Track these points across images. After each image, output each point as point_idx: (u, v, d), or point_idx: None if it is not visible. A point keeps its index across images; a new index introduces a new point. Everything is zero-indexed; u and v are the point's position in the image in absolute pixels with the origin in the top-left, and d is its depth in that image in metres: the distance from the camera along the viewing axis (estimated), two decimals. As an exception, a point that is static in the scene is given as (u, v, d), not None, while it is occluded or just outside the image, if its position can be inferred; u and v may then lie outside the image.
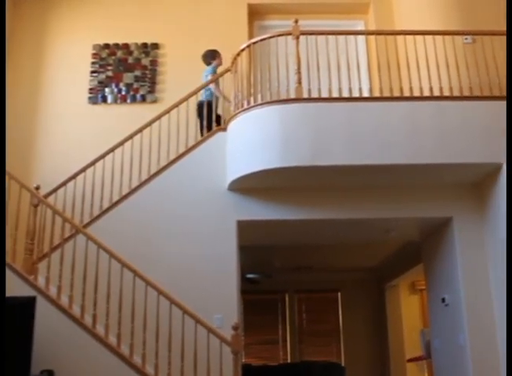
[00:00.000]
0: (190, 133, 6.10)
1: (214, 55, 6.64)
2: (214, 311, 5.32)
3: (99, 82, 7.28)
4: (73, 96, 7.20)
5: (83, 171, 5.93)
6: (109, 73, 7.32)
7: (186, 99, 6.09)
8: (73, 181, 5.91)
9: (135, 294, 4.90)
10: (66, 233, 5.35)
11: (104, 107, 7.20)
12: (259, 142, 5.32)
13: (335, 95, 5.44)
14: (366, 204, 5.71)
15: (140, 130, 6.03)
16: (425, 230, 6.37)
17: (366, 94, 5.74)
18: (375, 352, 9.88)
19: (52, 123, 7.09)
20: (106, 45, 7.42)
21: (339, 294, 10.28)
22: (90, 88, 7.25)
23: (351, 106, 5.33)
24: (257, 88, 5.81)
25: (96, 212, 5.78)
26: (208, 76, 6.44)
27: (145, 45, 7.43)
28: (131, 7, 7.57)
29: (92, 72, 7.32)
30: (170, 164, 5.84)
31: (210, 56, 6.65)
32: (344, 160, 5.18)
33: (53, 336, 4.80)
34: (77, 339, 4.82)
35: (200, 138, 6.06)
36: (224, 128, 5.85)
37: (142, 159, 5.96)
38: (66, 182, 5.92)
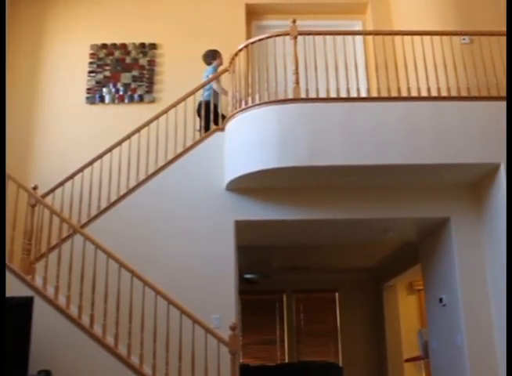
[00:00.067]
0: (188, 133, 6.09)
1: (214, 55, 6.64)
2: (212, 311, 5.32)
3: (97, 82, 7.27)
4: (70, 96, 7.19)
5: (81, 171, 5.93)
6: (107, 73, 7.31)
7: (184, 99, 6.09)
8: (71, 181, 5.90)
9: (133, 294, 4.89)
10: (64, 233, 5.35)
11: (102, 107, 7.19)
12: (257, 142, 5.32)
13: (333, 95, 5.45)
14: (364, 204, 5.72)
15: (138, 130, 6.02)
16: (423, 230, 6.37)
17: (364, 94, 5.73)
18: (373, 352, 9.88)
19: (50, 123, 7.08)
20: (104, 45, 7.40)
21: (337, 295, 10.27)
22: (88, 88, 7.23)
23: (348, 106, 5.34)
24: (255, 88, 5.82)
25: (94, 212, 5.78)
26: (209, 76, 6.44)
27: (143, 45, 7.41)
28: (128, 7, 7.56)
29: (90, 72, 7.31)
30: (168, 164, 5.84)
31: (211, 56, 6.65)
32: (342, 161, 5.18)
33: (51, 336, 4.80)
34: (74, 339, 4.82)
35: (199, 138, 6.06)
36: (222, 128, 5.85)
37: (140, 159, 5.96)
38: (63, 182, 5.92)
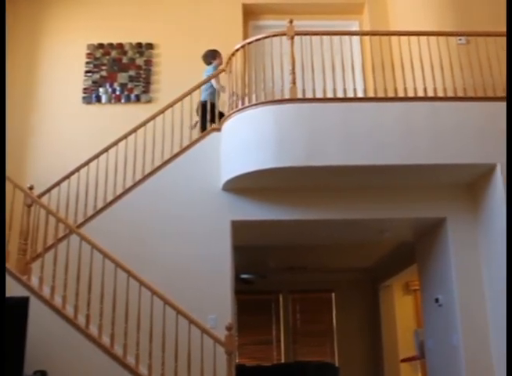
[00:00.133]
0: (185, 133, 6.08)
1: (214, 55, 6.65)
2: (208, 311, 5.31)
3: (94, 82, 7.26)
4: (67, 96, 7.18)
5: (77, 171, 5.92)
6: (104, 73, 7.30)
7: (181, 99, 6.08)
8: (67, 181, 5.89)
9: (129, 294, 4.89)
10: (60, 233, 5.34)
11: (98, 107, 7.18)
12: (253, 142, 5.32)
13: (330, 95, 5.45)
14: (361, 204, 5.72)
15: (134, 130, 6.01)
16: (419, 231, 6.38)
17: (361, 94, 5.74)
18: (369, 353, 9.89)
19: (46, 123, 7.07)
20: (101, 45, 7.40)
21: (333, 295, 10.28)
22: (84, 88, 7.23)
23: (345, 106, 5.34)
24: (252, 88, 5.82)
25: (90, 212, 5.76)
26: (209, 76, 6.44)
27: (139, 44, 7.41)
28: (125, 7, 7.55)
29: (86, 72, 7.30)
30: (164, 164, 5.83)
31: (211, 56, 6.66)
32: (339, 161, 5.18)
33: (46, 336, 4.79)
34: (70, 339, 4.81)
35: (195, 137, 6.06)
36: (218, 128, 5.84)
37: (137, 159, 5.95)
38: (60, 182, 5.91)
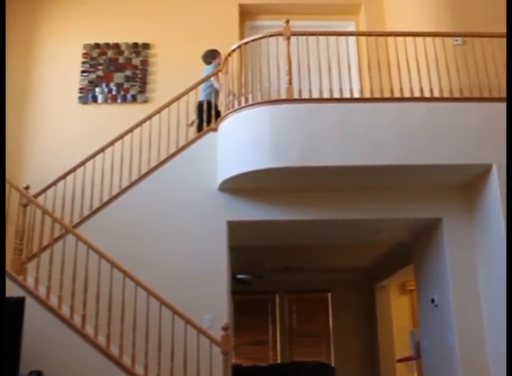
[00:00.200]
0: (181, 133, 6.08)
1: (214, 54, 6.66)
2: (205, 311, 5.31)
3: (90, 82, 7.25)
4: (63, 96, 7.17)
5: (73, 170, 5.91)
6: (100, 72, 7.30)
7: (177, 99, 6.08)
8: (63, 181, 5.88)
9: (125, 294, 4.88)
10: (56, 234, 5.33)
11: (94, 107, 7.18)
12: (250, 142, 5.32)
13: (326, 96, 5.45)
14: (357, 204, 5.72)
15: (131, 130, 6.01)
16: (415, 231, 6.39)
17: (357, 95, 5.74)
18: (365, 353, 9.89)
19: (42, 122, 7.06)
20: (97, 45, 7.39)
21: (329, 295, 10.27)
22: (80, 88, 7.22)
23: (342, 107, 5.34)
24: (248, 88, 5.81)
25: (86, 212, 5.75)
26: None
27: (135, 44, 7.41)
28: (122, 7, 7.55)
29: (83, 72, 7.29)
30: (160, 164, 5.83)
31: (211, 56, 6.67)
32: (335, 161, 5.18)
33: (42, 337, 4.78)
34: (66, 340, 4.80)
35: (192, 137, 6.05)
36: (215, 129, 5.84)
37: (133, 159, 5.94)
38: (55, 182, 5.89)
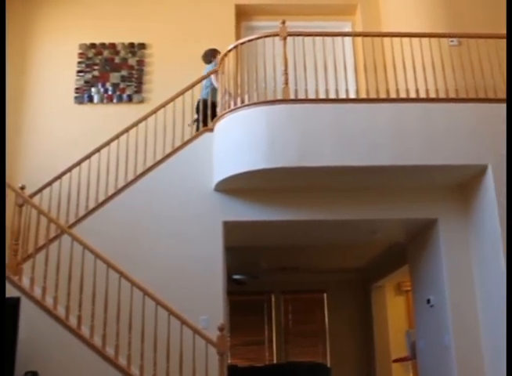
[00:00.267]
0: (177, 134, 6.07)
1: (214, 53, 6.67)
2: (200, 312, 5.30)
3: (86, 82, 7.24)
4: (59, 96, 7.16)
5: (69, 170, 5.89)
6: (96, 72, 7.28)
7: (173, 99, 6.08)
8: (59, 181, 5.86)
9: (121, 294, 4.87)
10: (52, 234, 5.31)
11: (90, 107, 7.17)
12: (246, 143, 5.32)
13: (322, 96, 5.46)
14: (352, 205, 5.73)
15: (126, 130, 6.00)
16: (411, 232, 6.39)
17: (353, 95, 5.75)
18: (361, 353, 9.90)
19: (38, 122, 7.04)
20: (93, 45, 7.38)
21: (325, 295, 10.28)
22: (76, 88, 7.20)
23: (338, 107, 5.35)
24: (244, 88, 5.81)
25: (82, 213, 5.74)
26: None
27: (132, 44, 7.39)
28: (118, 7, 7.54)
29: (79, 72, 7.27)
30: (156, 164, 5.82)
31: (211, 55, 6.69)
32: (331, 162, 5.19)
33: (38, 337, 4.77)
34: (61, 340, 4.79)
35: (188, 137, 6.05)
36: (211, 129, 5.84)
37: (129, 159, 5.94)
38: (51, 182, 5.88)
